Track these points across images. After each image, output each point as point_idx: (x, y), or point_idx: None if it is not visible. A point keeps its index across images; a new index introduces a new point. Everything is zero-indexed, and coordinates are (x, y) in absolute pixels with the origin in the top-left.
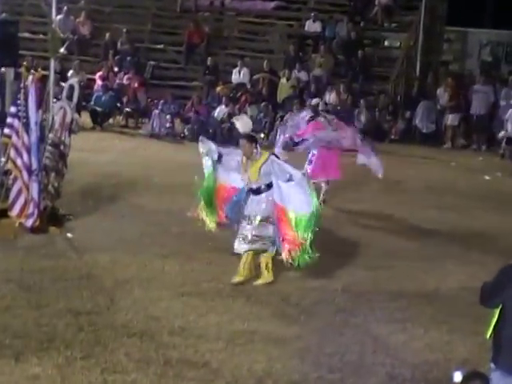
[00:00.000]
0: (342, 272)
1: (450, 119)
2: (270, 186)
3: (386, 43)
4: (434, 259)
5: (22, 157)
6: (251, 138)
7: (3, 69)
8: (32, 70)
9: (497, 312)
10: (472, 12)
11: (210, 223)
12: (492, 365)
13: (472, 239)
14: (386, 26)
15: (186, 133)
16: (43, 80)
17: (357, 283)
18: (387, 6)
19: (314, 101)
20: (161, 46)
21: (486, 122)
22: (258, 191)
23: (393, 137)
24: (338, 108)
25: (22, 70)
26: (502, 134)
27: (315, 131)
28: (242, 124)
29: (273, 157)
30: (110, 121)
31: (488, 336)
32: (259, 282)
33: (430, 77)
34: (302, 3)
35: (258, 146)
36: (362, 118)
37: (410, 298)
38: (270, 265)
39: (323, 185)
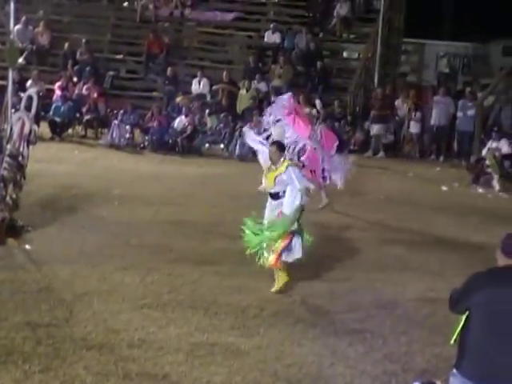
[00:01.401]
0: (300, 284)
1: (414, 129)
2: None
3: (345, 54)
4: (393, 270)
5: None
6: (281, 147)
7: None
8: None
9: (463, 318)
10: (429, 24)
11: None
12: (454, 370)
13: (430, 250)
14: (345, 37)
15: (146, 143)
16: (1, 90)
17: (315, 294)
18: (346, 17)
19: None
20: (120, 57)
21: (446, 133)
22: (276, 196)
23: (352, 147)
24: None
25: None
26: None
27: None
28: (277, 132)
29: (291, 167)
30: (69, 131)
31: (453, 341)
32: (276, 287)
33: (388, 88)
34: (261, 14)
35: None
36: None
37: (368, 309)
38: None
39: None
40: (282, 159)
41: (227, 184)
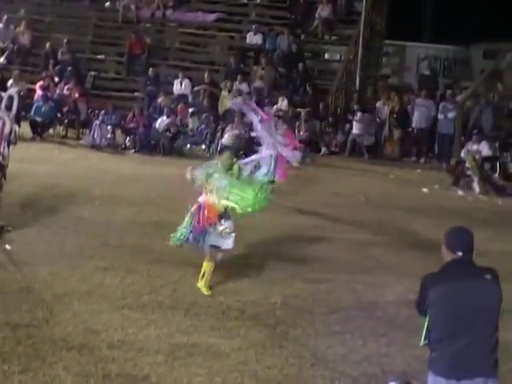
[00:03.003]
0: (281, 285)
1: (396, 132)
2: None
3: (327, 56)
4: (373, 272)
5: None
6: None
7: None
8: None
9: (426, 319)
10: (410, 27)
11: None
12: (429, 371)
13: (410, 252)
14: (327, 39)
15: (128, 144)
16: None
17: (296, 296)
18: (327, 19)
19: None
20: (102, 57)
21: (427, 135)
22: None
23: (333, 149)
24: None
25: None
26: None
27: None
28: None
29: (239, 162)
30: (50, 131)
31: (422, 342)
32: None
33: (370, 90)
34: (243, 15)
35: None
36: (302, 129)
37: (348, 310)
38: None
39: None
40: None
41: None
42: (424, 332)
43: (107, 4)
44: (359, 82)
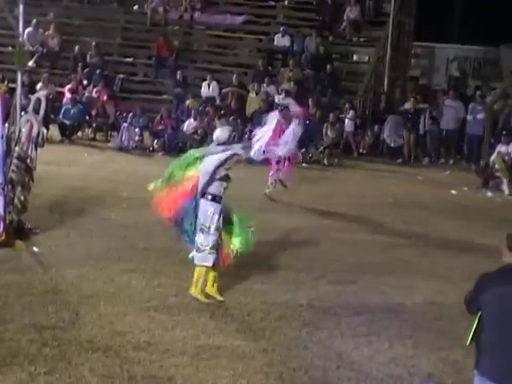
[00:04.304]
0: (306, 287)
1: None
2: None
3: (355, 58)
4: (400, 273)
5: None
6: None
7: None
8: None
9: (476, 318)
10: (439, 28)
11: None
12: (475, 371)
13: (438, 254)
14: (355, 40)
15: (156, 146)
16: (10, 93)
17: (322, 298)
18: (355, 21)
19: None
20: (130, 60)
21: (455, 136)
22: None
23: (361, 151)
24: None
25: None
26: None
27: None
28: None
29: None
30: (79, 134)
31: (468, 342)
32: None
33: (398, 91)
34: (271, 18)
35: None
36: (330, 132)
37: (374, 312)
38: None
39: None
40: None
41: (235, 187)
42: (472, 332)
43: (135, 7)
44: (387, 83)
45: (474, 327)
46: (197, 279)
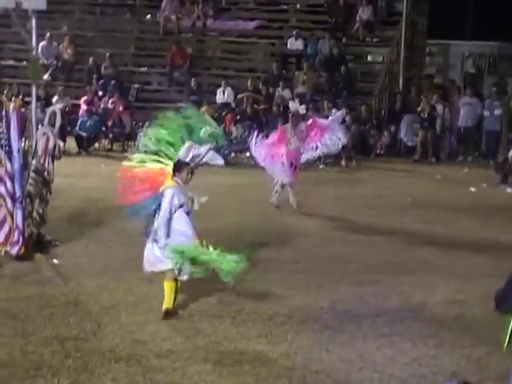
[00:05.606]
0: (327, 289)
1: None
2: None
3: (369, 58)
4: (420, 273)
5: (5, 185)
6: None
7: None
8: (13, 98)
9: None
10: (453, 24)
11: None
12: None
13: (458, 252)
14: (368, 41)
15: None
16: (25, 107)
17: (343, 300)
18: (368, 21)
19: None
20: (144, 69)
21: (473, 133)
22: None
23: (378, 151)
24: None
25: (3, 97)
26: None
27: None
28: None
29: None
30: (96, 145)
31: (506, 345)
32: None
33: (413, 90)
34: (283, 22)
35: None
36: (347, 133)
37: (396, 312)
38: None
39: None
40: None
41: (253, 193)
42: (509, 335)
43: (148, 16)
44: (402, 82)
45: (511, 329)
46: (167, 292)
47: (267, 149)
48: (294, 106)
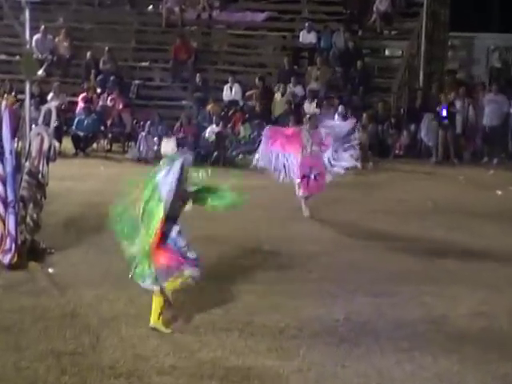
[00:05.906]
0: (342, 299)
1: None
2: None
3: (387, 52)
4: (443, 283)
5: None
6: None
7: None
8: (5, 95)
9: None
10: (477, 16)
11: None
12: None
13: (483, 261)
14: (386, 33)
15: None
16: (19, 104)
17: (359, 311)
18: (386, 12)
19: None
20: (146, 64)
21: (499, 133)
22: None
23: (397, 152)
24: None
25: None
26: None
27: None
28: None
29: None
30: (94, 146)
31: None
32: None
33: (435, 87)
34: (295, 13)
35: None
36: (363, 133)
37: (416, 325)
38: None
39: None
40: None
41: (261, 197)
42: None
43: (149, 8)
44: (423, 78)
45: None
46: (155, 308)
47: (282, 137)
48: (309, 107)
